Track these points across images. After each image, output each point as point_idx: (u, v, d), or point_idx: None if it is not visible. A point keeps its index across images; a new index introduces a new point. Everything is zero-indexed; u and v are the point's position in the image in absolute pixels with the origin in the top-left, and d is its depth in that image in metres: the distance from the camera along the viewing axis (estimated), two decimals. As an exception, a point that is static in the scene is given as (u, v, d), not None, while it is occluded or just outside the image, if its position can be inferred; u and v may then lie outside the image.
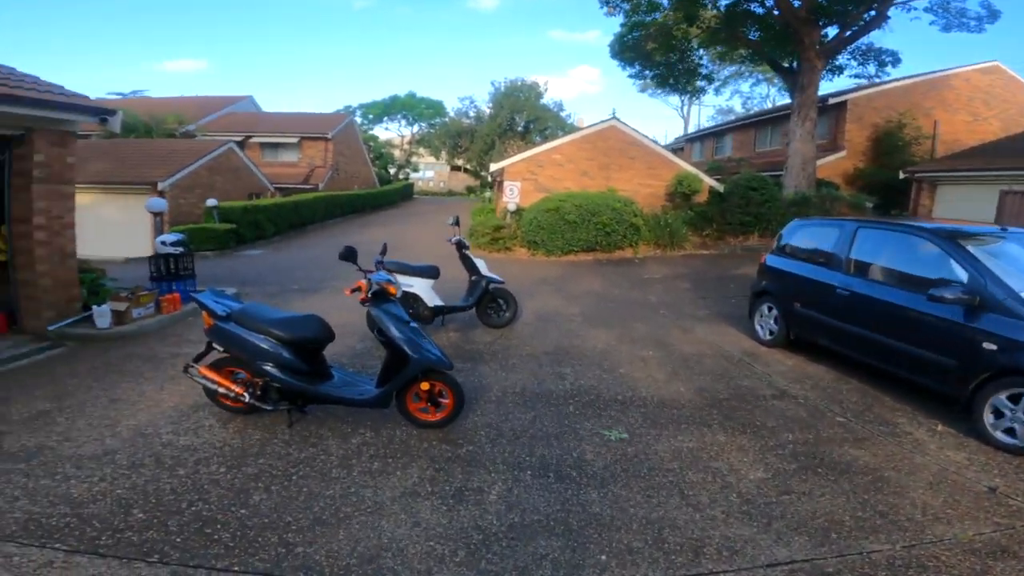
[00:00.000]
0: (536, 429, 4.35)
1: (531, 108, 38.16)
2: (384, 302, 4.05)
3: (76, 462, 3.52)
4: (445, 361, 4.02)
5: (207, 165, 18.53)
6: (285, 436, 4.03)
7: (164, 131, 22.94)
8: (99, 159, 17.32)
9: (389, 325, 3.94)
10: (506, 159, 17.94)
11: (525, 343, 6.62)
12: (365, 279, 4.08)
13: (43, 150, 6.50)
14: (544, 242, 13.95)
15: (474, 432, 4.24)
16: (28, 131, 6.33)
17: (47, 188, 6.61)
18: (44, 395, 4.68)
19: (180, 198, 17.06)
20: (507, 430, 4.30)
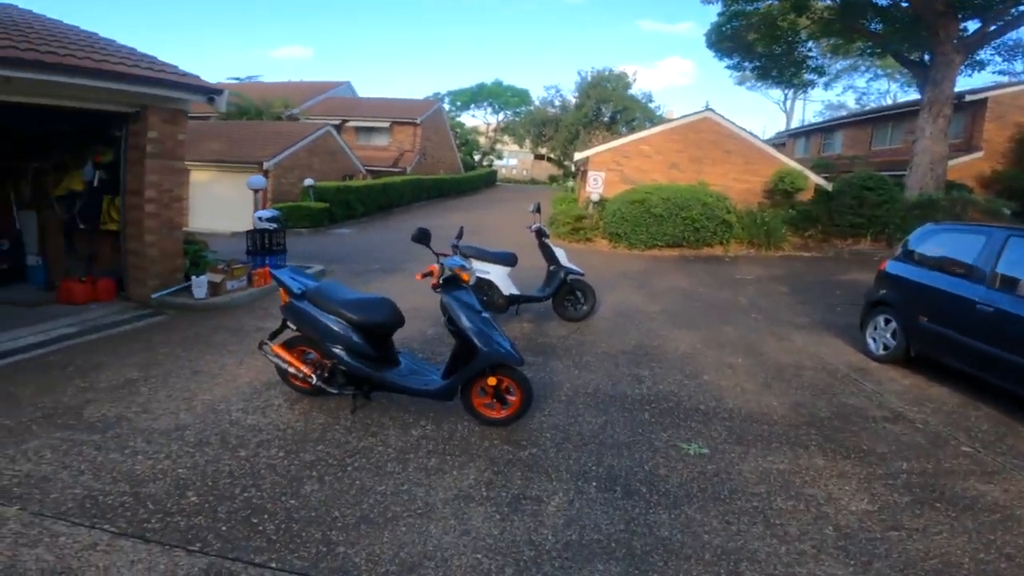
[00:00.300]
0: (606, 436, 4.02)
1: (618, 98, 37.05)
2: (456, 289, 3.86)
3: (147, 436, 3.62)
4: (515, 356, 3.78)
5: (307, 147, 19.37)
6: (347, 422, 3.97)
7: (272, 114, 24.26)
8: (215, 139, 18.66)
9: (459, 314, 3.75)
10: (591, 148, 17.44)
11: (601, 340, 6.25)
12: (437, 263, 3.89)
13: (156, 127, 6.89)
14: (627, 235, 13.43)
15: (539, 433, 3.98)
16: (143, 108, 6.73)
17: (159, 163, 7.00)
18: (135, 363, 4.94)
19: (282, 177, 17.97)
20: (575, 434, 4.00)
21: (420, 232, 3.92)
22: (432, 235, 3.95)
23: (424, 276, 3.95)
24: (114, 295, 7.17)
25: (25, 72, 5.06)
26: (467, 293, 3.88)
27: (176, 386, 4.44)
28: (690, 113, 16.44)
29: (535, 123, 43.02)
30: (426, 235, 3.92)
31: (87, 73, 5.63)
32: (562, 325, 6.73)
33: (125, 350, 5.29)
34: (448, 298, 3.82)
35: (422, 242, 3.91)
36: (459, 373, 3.82)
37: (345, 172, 21.86)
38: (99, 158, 7.27)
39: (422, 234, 3.92)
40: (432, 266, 3.91)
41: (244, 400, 4.23)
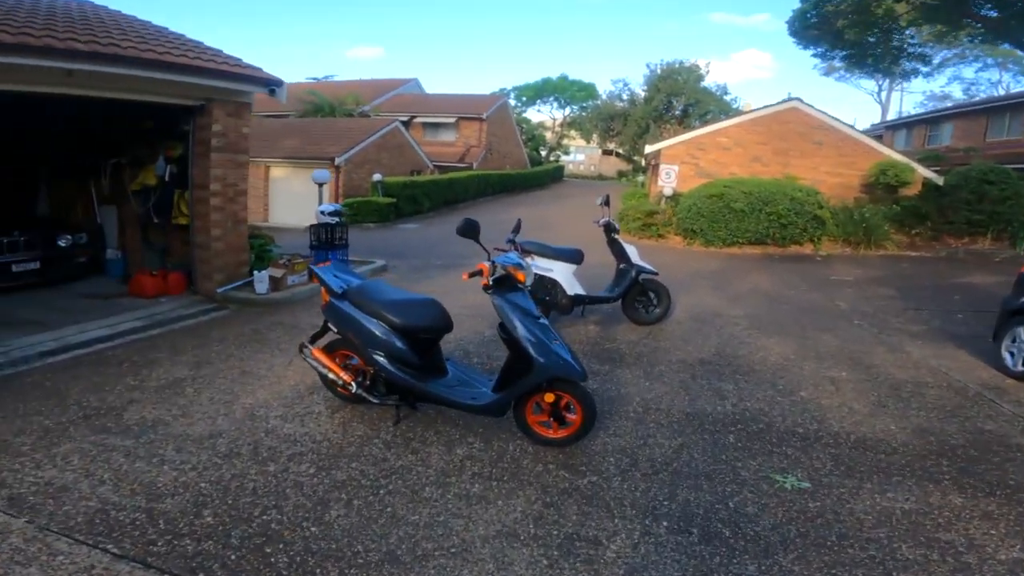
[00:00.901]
0: (682, 463, 3.42)
1: (690, 91, 35.46)
2: (510, 291, 3.39)
3: (179, 443, 3.41)
4: (578, 370, 3.28)
5: (376, 143, 19.67)
6: (388, 436, 3.60)
7: (344, 111, 24.94)
8: (291, 136, 19.39)
9: (513, 320, 3.28)
10: (663, 141, 16.58)
11: (677, 347, 5.58)
12: (488, 261, 3.42)
13: (221, 120, 6.86)
14: (703, 231, 12.52)
15: (601, 457, 3.44)
16: (208, 101, 6.71)
17: (224, 157, 6.98)
18: (187, 360, 4.83)
19: (352, 172, 18.34)
20: (644, 460, 3.43)
21: (466, 224, 3.38)
22: (483, 229, 3.45)
23: (472, 275, 3.42)
24: (184, 289, 7.26)
25: (84, 64, 5.06)
26: (523, 296, 3.40)
27: (221, 387, 4.26)
28: (774, 103, 15.23)
29: (602, 117, 42.29)
30: (473, 228, 3.39)
31: (146, 64, 5.60)
32: (632, 329, 6.11)
33: (182, 346, 5.23)
34: (500, 301, 3.36)
35: (468, 235, 3.38)
36: (512, 387, 3.35)
37: (413, 167, 22.04)
38: (170, 152, 7.39)
39: (468, 226, 3.38)
40: (482, 264, 3.40)
41: (285, 406, 3.96)
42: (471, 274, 3.43)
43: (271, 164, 18.18)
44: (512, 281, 3.37)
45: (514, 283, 3.38)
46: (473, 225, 3.41)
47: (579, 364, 3.31)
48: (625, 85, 43.21)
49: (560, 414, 3.42)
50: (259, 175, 18.04)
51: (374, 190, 17.34)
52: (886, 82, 36.56)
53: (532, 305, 3.38)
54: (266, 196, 18.21)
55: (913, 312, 7.39)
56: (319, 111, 24.58)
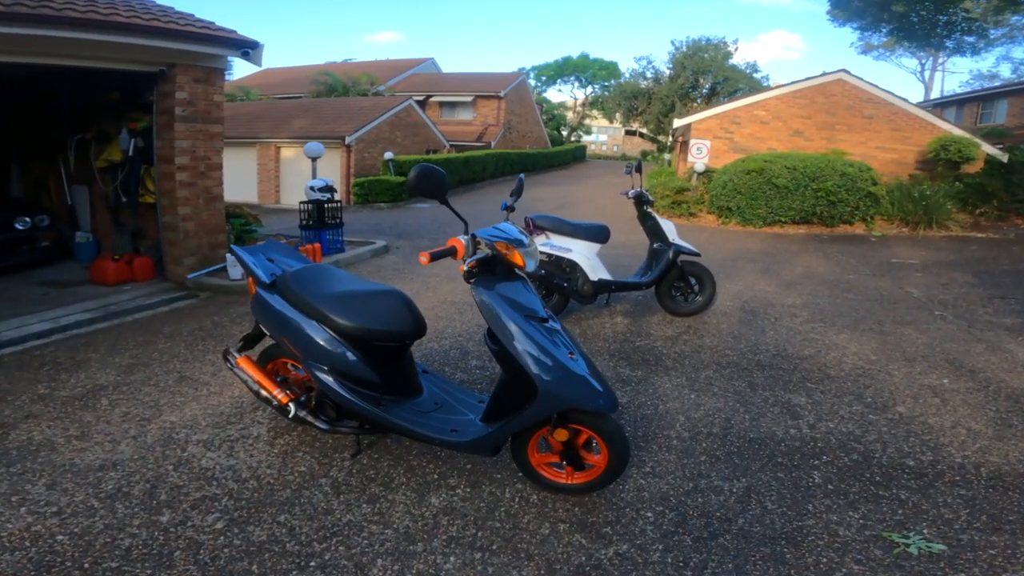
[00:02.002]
0: (751, 519, 2.40)
1: (718, 69, 34.06)
2: (501, 280, 2.30)
3: (57, 476, 2.53)
4: (604, 398, 2.20)
5: (389, 121, 18.83)
6: (340, 474, 2.64)
7: (359, 91, 24.17)
8: (302, 116, 18.74)
9: (506, 324, 2.19)
10: (694, 114, 15.45)
11: (726, 345, 4.51)
12: (464, 235, 2.26)
13: (186, 87, 6.07)
14: (740, 209, 11.36)
15: (635, 511, 2.44)
16: (170, 66, 5.91)
17: (191, 127, 6.18)
18: (120, 362, 3.96)
19: (364, 152, 17.58)
20: (695, 515, 2.42)
21: (420, 175, 2.16)
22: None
23: (436, 257, 2.13)
24: (152, 275, 6.51)
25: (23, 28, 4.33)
26: (522, 288, 2.32)
27: (145, 399, 3.36)
28: (819, 74, 13.95)
29: (626, 96, 40.80)
30: (431, 180, 2.18)
31: (92, 26, 4.84)
32: (668, 322, 5.05)
33: (123, 344, 4.35)
34: (485, 296, 2.25)
35: (425, 193, 2.20)
36: (508, 419, 2.32)
37: (428, 146, 21.27)
38: (134, 125, 6.60)
39: (423, 178, 2.16)
40: (455, 239, 2.21)
41: (216, 426, 3.03)
42: (434, 255, 2.12)
43: (281, 145, 17.55)
44: (504, 266, 2.29)
45: (507, 268, 2.32)
46: (431, 176, 2.18)
47: (606, 388, 2.24)
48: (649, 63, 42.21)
49: (576, 454, 2.40)
50: (270, 156, 17.54)
51: (386, 169, 16.59)
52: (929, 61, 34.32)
53: (536, 301, 2.32)
54: (277, 177, 17.64)
55: (1000, 301, 6.17)
56: (332, 91, 23.91)
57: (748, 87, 33.48)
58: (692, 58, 34.61)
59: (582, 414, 2.28)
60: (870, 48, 31.79)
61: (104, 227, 7.37)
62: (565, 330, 2.35)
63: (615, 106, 42.83)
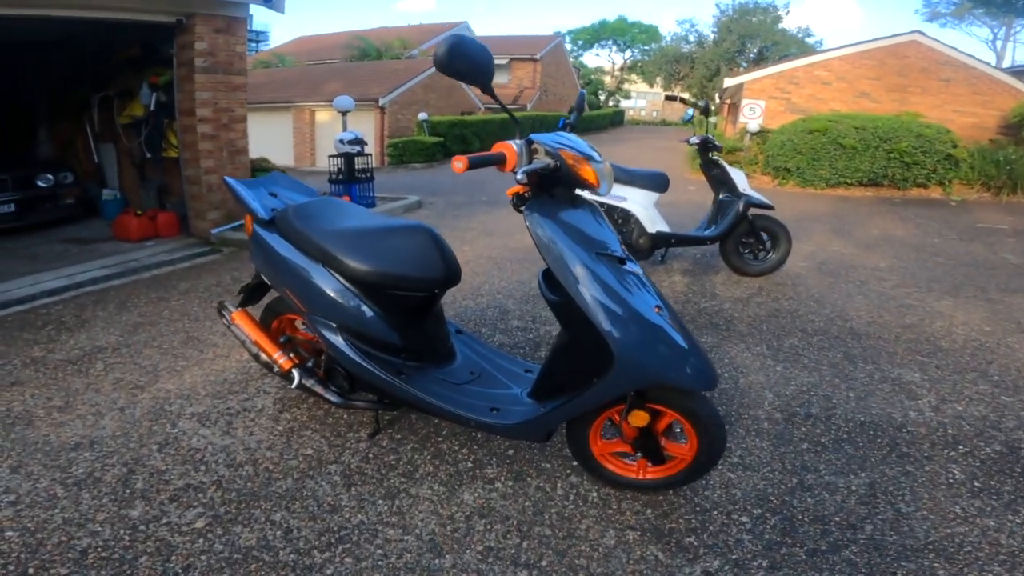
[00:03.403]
0: (882, 522, 1.87)
1: (767, 33, 32.91)
2: (565, 205, 1.70)
3: (25, 456, 2.11)
4: (704, 371, 1.65)
5: (422, 83, 18.42)
6: (353, 458, 2.15)
7: (392, 55, 23.72)
8: (335, 80, 18.57)
9: (568, 260, 1.61)
10: (745, 74, 14.71)
11: (808, 309, 3.87)
12: (515, 139, 1.65)
13: (206, 37, 5.71)
14: (800, 170, 10.58)
15: (725, 515, 1.91)
16: (188, 16, 5.54)
17: (212, 78, 5.83)
18: (127, 321, 3.60)
19: (398, 113, 17.32)
20: (805, 518, 1.89)
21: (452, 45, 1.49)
22: None
23: (476, 165, 1.56)
24: (178, 230, 6.25)
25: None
26: (591, 216, 1.74)
27: (143, 363, 2.96)
28: (889, 35, 13.07)
29: (667, 60, 39.99)
30: (467, 54, 1.52)
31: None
32: (735, 282, 4.41)
33: (134, 301, 4.02)
34: (541, 223, 1.65)
35: (458, 72, 1.54)
36: (569, 397, 1.75)
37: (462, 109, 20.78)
38: (155, 79, 6.31)
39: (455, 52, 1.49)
40: (503, 144, 1.63)
41: (215, 397, 2.59)
42: (474, 160, 1.54)
43: (316, 108, 17.39)
44: (568, 185, 1.69)
45: (571, 190, 1.73)
46: (467, 50, 1.51)
47: (704, 357, 1.67)
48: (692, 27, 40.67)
49: (655, 444, 1.83)
50: (305, 120, 17.42)
51: (420, 129, 16.16)
52: (1002, 30, 31.55)
53: (611, 235, 1.73)
54: (312, 141, 17.53)
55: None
56: (366, 56, 23.65)
57: (800, 52, 32.01)
58: (738, 22, 33.56)
59: (668, 392, 1.73)
60: (937, 16, 29.90)
61: (131, 184, 7.16)
62: (649, 279, 1.76)
63: (656, 70, 42.19)
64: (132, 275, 4.82)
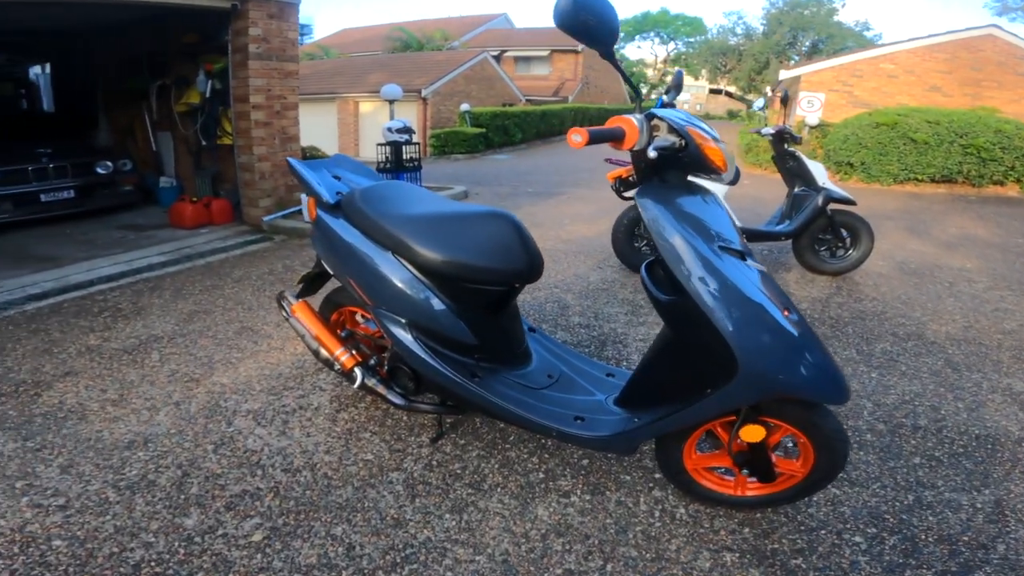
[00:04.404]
0: (1015, 542, 1.64)
1: (821, 26, 31.97)
2: (678, 193, 1.50)
3: (75, 456, 2.04)
4: (838, 382, 1.44)
5: (464, 74, 18.35)
6: (416, 466, 1.98)
7: (433, 47, 23.77)
8: (378, 71, 18.67)
9: (684, 253, 1.42)
10: (802, 67, 14.32)
11: (897, 312, 3.54)
12: (636, 114, 1.44)
13: (259, 23, 5.69)
14: (865, 165, 10.03)
15: (835, 534, 1.70)
16: (242, 2, 5.53)
17: (266, 65, 5.83)
18: (182, 309, 3.56)
19: (440, 104, 17.32)
20: (929, 538, 1.68)
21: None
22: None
23: (596, 140, 1.38)
24: (231, 217, 6.29)
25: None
26: (711, 204, 1.54)
27: (198, 354, 2.89)
28: (962, 29, 12.47)
29: (713, 53, 39.73)
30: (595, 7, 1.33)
31: None
32: (809, 280, 4.10)
33: (189, 288, 4.01)
34: (655, 210, 1.46)
35: (580, 29, 1.32)
36: (671, 408, 1.55)
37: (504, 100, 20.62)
38: (210, 66, 6.35)
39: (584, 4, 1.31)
40: (620, 118, 1.42)
41: (271, 392, 2.48)
42: (594, 134, 1.37)
43: (360, 99, 17.51)
44: (691, 165, 1.46)
45: (692, 170, 1.49)
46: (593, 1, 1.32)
47: (835, 366, 1.46)
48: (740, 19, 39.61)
49: (767, 460, 1.62)
50: (349, 111, 17.56)
51: (462, 120, 16.11)
52: None
53: (732, 227, 1.51)
54: (356, 131, 17.68)
55: None
56: (407, 48, 23.74)
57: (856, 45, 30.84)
58: (789, 14, 32.82)
59: (788, 404, 1.52)
60: (1007, 10, 28.41)
61: (187, 171, 7.27)
62: (773, 278, 1.55)
63: (700, 63, 41.82)
64: (187, 262, 4.84)
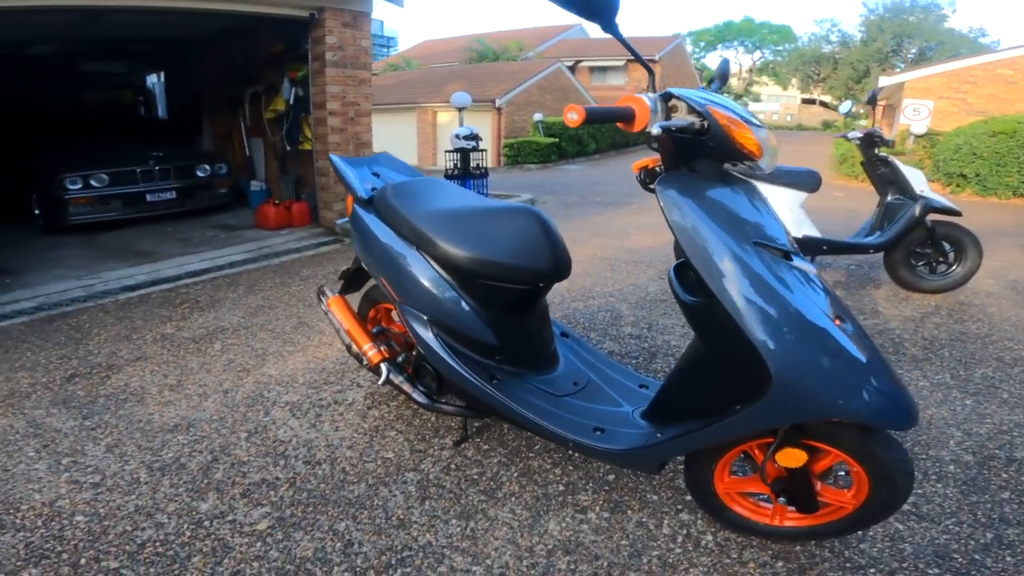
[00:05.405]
0: None
1: (929, 32, 29.92)
2: (709, 184, 1.32)
3: (124, 435, 2.17)
4: (901, 405, 1.22)
5: (538, 84, 18.46)
6: (433, 468, 1.94)
7: (508, 57, 24.21)
8: (455, 81, 19.13)
9: (711, 249, 1.25)
10: (905, 73, 13.38)
11: (1003, 333, 3.09)
12: (648, 93, 1.29)
13: (335, 31, 5.98)
14: (980, 176, 9.15)
15: (886, 574, 1.43)
16: (320, 11, 5.82)
17: (341, 72, 6.10)
18: (251, 303, 3.76)
19: (514, 114, 17.53)
20: None
21: None
22: None
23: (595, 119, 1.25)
24: (309, 220, 6.62)
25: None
26: (746, 197, 1.35)
27: (255, 346, 3.03)
28: None
29: (804, 61, 37.89)
30: None
31: None
32: (902, 298, 3.67)
33: (262, 284, 4.25)
34: (678, 200, 1.30)
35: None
36: (696, 424, 1.40)
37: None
38: (293, 74, 6.75)
39: None
40: (629, 96, 1.29)
41: (311, 386, 2.54)
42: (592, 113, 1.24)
43: (437, 109, 18.01)
44: (720, 151, 1.29)
45: (725, 159, 1.31)
46: None
47: (900, 386, 1.25)
48: (833, 26, 37.56)
49: (807, 489, 1.40)
50: (427, 120, 18.09)
51: (535, 130, 16.22)
52: None
53: (775, 221, 1.34)
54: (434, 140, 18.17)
55: None
56: (484, 58, 24.26)
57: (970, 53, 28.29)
58: (891, 21, 31.14)
59: (839, 427, 1.31)
60: None
61: (274, 175, 7.75)
62: (825, 282, 1.35)
63: (790, 72, 40.09)
64: (264, 260, 5.12)
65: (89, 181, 6.05)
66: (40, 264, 4.77)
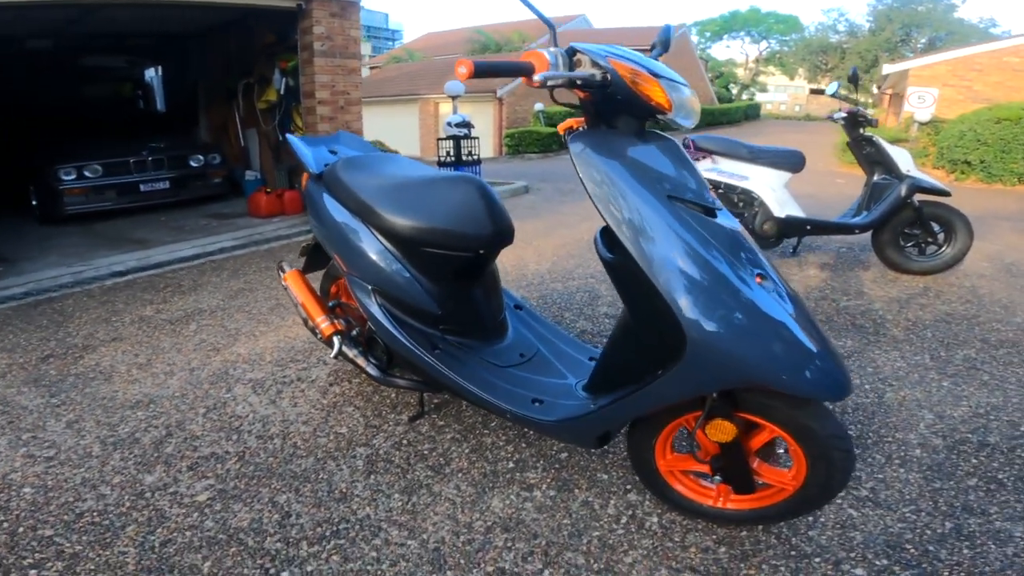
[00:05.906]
0: None
1: (939, 22, 29.87)
2: (628, 141, 1.29)
3: (84, 413, 2.17)
4: (829, 371, 1.16)
5: None
6: (384, 443, 1.91)
7: (510, 48, 24.20)
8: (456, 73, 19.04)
9: (624, 203, 1.22)
10: (911, 60, 13.73)
11: (991, 315, 3.03)
12: (550, 48, 1.27)
13: (323, 21, 5.97)
14: (985, 163, 9.03)
15: (831, 564, 1.40)
16: (307, 1, 5.82)
17: (329, 62, 6.12)
18: (233, 287, 3.77)
19: (515, 105, 17.61)
20: (950, 574, 1.30)
21: None
22: None
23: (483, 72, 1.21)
24: (301, 208, 6.65)
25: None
26: (667, 150, 1.30)
27: (229, 326, 3.03)
28: None
29: (811, 51, 37.70)
30: None
31: None
32: (890, 280, 3.61)
33: (246, 268, 4.26)
34: (588, 154, 1.28)
35: None
36: (625, 393, 1.35)
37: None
38: (284, 64, 6.77)
39: None
40: (532, 52, 1.23)
41: (277, 364, 2.54)
42: (479, 67, 1.20)
43: (439, 101, 18.06)
44: (634, 108, 1.26)
45: (643, 116, 1.29)
46: None
47: (829, 352, 1.20)
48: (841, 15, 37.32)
49: (744, 466, 1.37)
50: (429, 112, 18.23)
51: (536, 120, 16.25)
52: None
53: (696, 175, 1.30)
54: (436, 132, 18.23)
55: None
56: (486, 50, 24.34)
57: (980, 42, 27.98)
58: (901, 11, 31.12)
59: (772, 398, 1.26)
60: None
61: (268, 165, 7.78)
62: (750, 240, 1.30)
63: (798, 62, 39.78)
64: (253, 246, 5.14)
65: (83, 172, 6.10)
66: (35, 253, 4.82)
